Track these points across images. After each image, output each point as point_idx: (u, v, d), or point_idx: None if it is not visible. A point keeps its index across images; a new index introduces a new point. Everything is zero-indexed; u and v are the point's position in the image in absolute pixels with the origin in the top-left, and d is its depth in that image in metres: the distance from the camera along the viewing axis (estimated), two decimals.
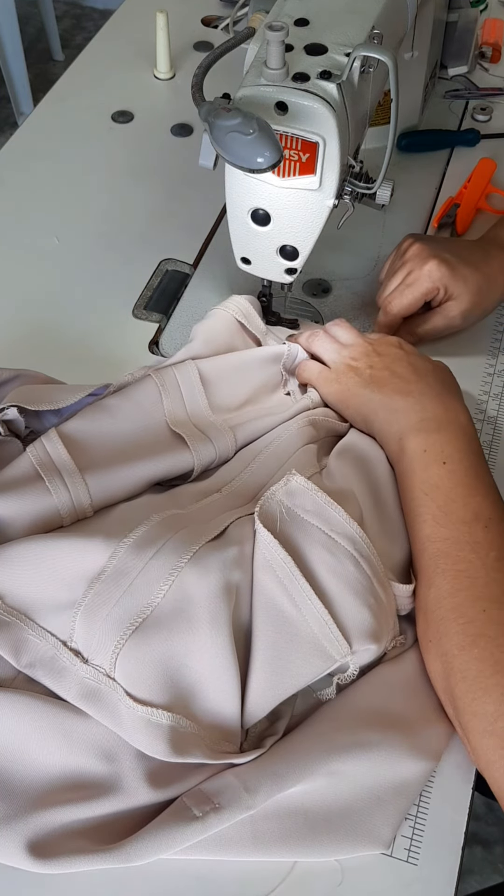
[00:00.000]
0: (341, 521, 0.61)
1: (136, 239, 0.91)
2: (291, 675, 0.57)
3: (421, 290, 0.77)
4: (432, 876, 0.55)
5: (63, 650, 0.57)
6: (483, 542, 0.60)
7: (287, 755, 0.56)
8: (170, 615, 0.57)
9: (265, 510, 0.61)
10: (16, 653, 0.57)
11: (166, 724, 0.54)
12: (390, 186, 0.71)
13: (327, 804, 0.55)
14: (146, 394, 0.70)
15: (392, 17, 0.72)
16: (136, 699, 0.55)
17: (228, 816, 0.53)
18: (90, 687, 0.56)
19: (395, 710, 0.58)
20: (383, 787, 0.56)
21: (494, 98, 1.07)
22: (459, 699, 0.57)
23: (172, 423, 0.69)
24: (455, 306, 0.78)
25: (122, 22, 1.18)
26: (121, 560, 0.58)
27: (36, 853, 0.51)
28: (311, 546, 0.60)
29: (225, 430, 0.69)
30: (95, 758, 0.55)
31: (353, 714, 0.58)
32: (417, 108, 1.01)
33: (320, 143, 0.64)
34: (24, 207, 0.94)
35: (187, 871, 0.54)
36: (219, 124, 0.58)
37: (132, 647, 0.56)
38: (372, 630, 0.58)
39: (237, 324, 0.76)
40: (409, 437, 0.66)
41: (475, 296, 0.78)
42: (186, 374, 0.71)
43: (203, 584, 0.57)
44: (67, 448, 0.65)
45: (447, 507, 0.62)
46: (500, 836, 1.36)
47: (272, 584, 0.58)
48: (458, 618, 0.58)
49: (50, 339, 0.82)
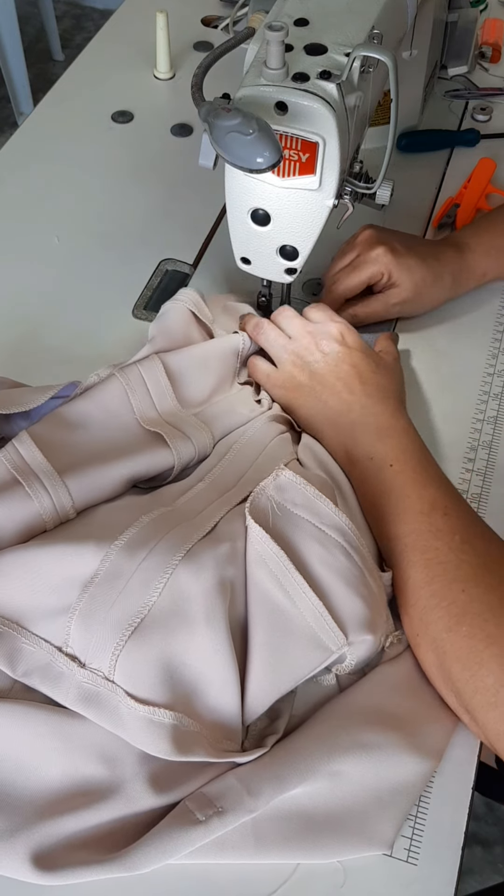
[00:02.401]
0: (330, 513, 0.62)
1: (136, 239, 0.91)
2: (289, 669, 0.57)
3: (366, 273, 0.78)
4: (432, 876, 0.55)
5: (59, 656, 0.57)
6: (445, 529, 0.62)
7: (288, 757, 0.56)
8: (166, 614, 0.57)
9: (256, 505, 0.62)
10: (11, 662, 0.57)
11: (168, 723, 0.54)
12: (390, 186, 0.71)
13: (328, 805, 0.55)
14: (112, 395, 0.70)
15: (392, 16, 0.72)
16: (137, 699, 0.55)
17: (231, 819, 0.53)
18: (89, 691, 0.56)
19: (396, 710, 0.58)
20: (384, 788, 0.56)
21: (494, 98, 1.07)
22: (458, 680, 0.57)
23: (145, 422, 0.69)
24: (396, 294, 0.79)
25: (122, 22, 1.18)
26: (113, 563, 0.58)
27: (40, 865, 0.51)
28: (302, 539, 0.61)
29: (201, 426, 0.70)
30: (96, 763, 0.55)
31: (353, 715, 0.58)
32: (417, 108, 1.01)
33: (320, 143, 0.64)
34: (24, 207, 0.94)
35: (188, 873, 0.54)
36: (219, 124, 0.58)
37: (131, 649, 0.56)
38: (366, 620, 0.58)
39: (190, 314, 0.77)
40: (354, 449, 0.68)
41: (417, 287, 0.79)
42: (152, 370, 0.71)
43: (197, 581, 0.57)
44: (42, 451, 0.65)
45: (403, 505, 0.64)
46: (500, 836, 1.36)
47: (266, 579, 0.59)
48: (440, 602, 0.59)
49: (49, 339, 0.82)
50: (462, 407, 0.79)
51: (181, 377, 0.72)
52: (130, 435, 0.69)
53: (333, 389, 0.71)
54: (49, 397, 0.69)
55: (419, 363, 0.81)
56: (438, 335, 0.84)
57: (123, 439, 0.68)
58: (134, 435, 0.69)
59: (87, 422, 0.69)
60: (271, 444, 0.70)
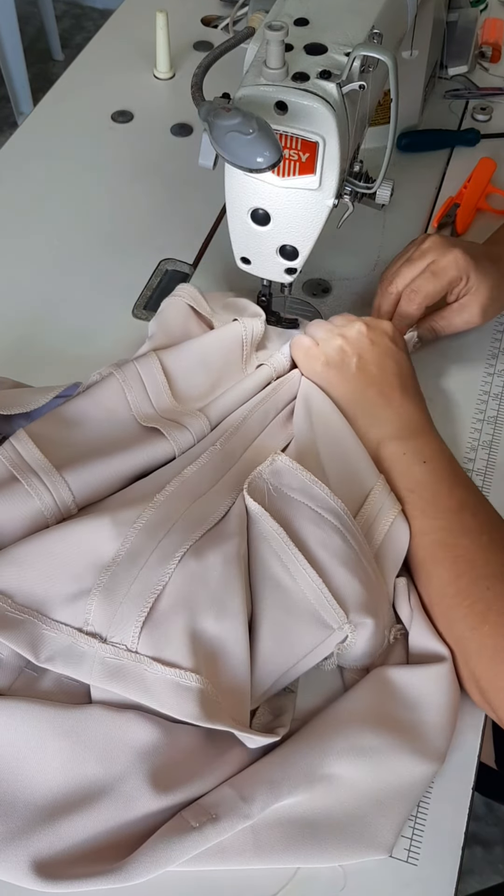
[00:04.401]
0: (326, 497, 0.63)
1: (136, 239, 0.91)
2: (291, 644, 0.58)
3: (447, 278, 0.75)
4: (432, 876, 0.55)
5: (79, 636, 0.58)
6: (474, 527, 0.62)
7: (282, 762, 0.56)
8: (187, 583, 0.58)
9: (253, 487, 0.64)
10: (34, 649, 0.58)
11: (196, 687, 0.55)
12: (390, 186, 0.71)
13: (328, 810, 0.55)
14: (109, 392, 0.70)
15: (392, 16, 0.72)
16: (164, 662, 0.56)
17: (226, 826, 0.53)
18: (113, 665, 0.57)
19: (395, 712, 0.58)
20: (384, 791, 0.56)
21: (494, 98, 1.07)
22: (482, 678, 0.58)
23: (142, 419, 0.69)
24: (474, 301, 0.77)
25: (122, 22, 1.18)
26: (133, 544, 0.60)
27: (41, 873, 0.51)
28: (300, 520, 0.62)
29: (195, 413, 0.70)
30: (96, 759, 0.55)
31: (349, 719, 0.58)
32: (417, 107, 1.01)
33: (320, 143, 0.64)
34: (24, 207, 0.94)
35: (188, 876, 0.54)
36: (218, 124, 0.58)
37: (155, 617, 0.57)
38: (365, 601, 0.59)
39: (189, 308, 0.77)
40: (388, 443, 0.68)
41: (493, 290, 0.77)
42: (148, 367, 0.72)
43: (217, 553, 0.59)
44: (40, 448, 0.65)
45: (434, 500, 0.65)
46: (500, 836, 1.36)
47: (268, 556, 0.60)
48: (464, 600, 0.60)
49: (49, 339, 0.82)
50: (462, 407, 0.79)
51: (179, 374, 0.72)
52: (128, 431, 0.69)
53: (375, 380, 0.70)
54: (51, 398, 0.69)
55: (419, 363, 0.81)
56: None
57: (122, 435, 0.69)
58: (132, 431, 0.69)
59: (84, 419, 0.69)
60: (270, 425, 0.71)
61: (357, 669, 0.62)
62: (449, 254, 0.75)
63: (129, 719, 0.56)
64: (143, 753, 0.55)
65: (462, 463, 0.74)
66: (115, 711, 0.56)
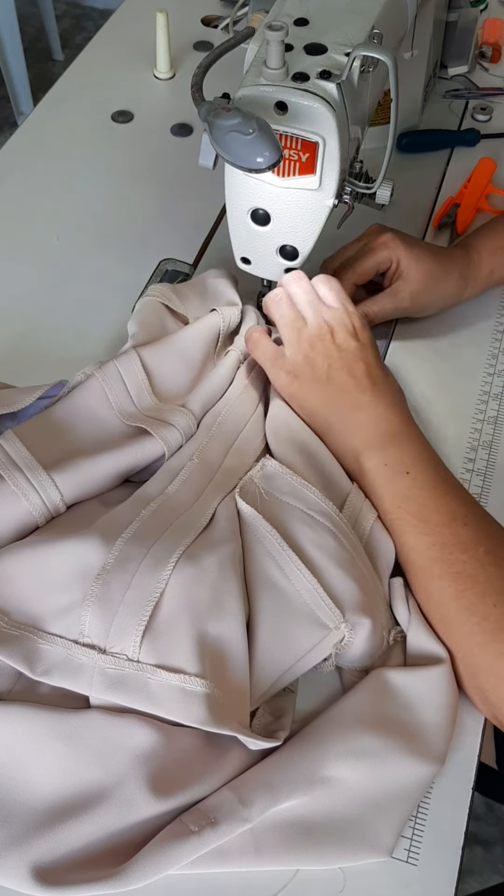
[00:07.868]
0: (317, 500, 0.63)
1: (136, 239, 0.91)
2: (289, 644, 0.58)
3: (376, 258, 0.77)
4: (432, 876, 0.55)
5: (76, 648, 0.57)
6: (468, 540, 0.61)
7: (281, 765, 0.56)
8: (185, 587, 0.58)
9: (245, 491, 0.64)
10: (29, 663, 0.57)
11: (202, 692, 0.54)
12: (390, 186, 0.71)
13: (328, 813, 0.55)
14: (90, 393, 0.70)
15: (392, 16, 0.72)
16: (169, 669, 0.55)
17: (226, 830, 0.53)
18: (113, 675, 0.56)
19: (394, 714, 0.58)
20: (384, 794, 0.55)
21: (494, 98, 1.07)
22: (490, 694, 0.57)
23: (125, 418, 0.69)
24: (405, 286, 0.77)
25: (122, 22, 1.18)
26: (122, 552, 0.59)
27: (40, 878, 0.51)
28: (293, 522, 0.62)
29: (180, 409, 0.70)
30: (96, 764, 0.55)
31: (348, 721, 0.58)
32: (417, 107, 1.01)
33: (320, 143, 0.64)
34: (24, 207, 0.94)
35: (187, 878, 0.54)
36: (218, 124, 0.58)
37: (156, 624, 0.56)
38: (361, 601, 0.59)
39: (163, 307, 0.77)
40: (367, 454, 0.66)
41: (426, 278, 0.77)
42: (128, 364, 0.71)
43: (211, 556, 0.59)
44: (28, 448, 0.65)
45: (423, 515, 0.62)
46: (500, 836, 1.36)
47: (263, 557, 0.60)
48: (471, 617, 0.58)
49: (49, 339, 0.82)
50: (462, 407, 0.78)
51: (160, 369, 0.72)
52: (115, 431, 0.69)
53: (346, 387, 0.68)
54: (37, 397, 0.69)
55: (419, 363, 0.81)
56: (438, 335, 0.83)
57: (109, 435, 0.69)
58: (117, 430, 0.69)
59: (72, 420, 0.69)
60: (246, 427, 0.71)
61: (356, 671, 0.61)
62: (382, 236, 0.78)
63: (129, 723, 0.56)
64: (143, 757, 0.55)
65: (462, 463, 0.74)
66: (114, 716, 0.56)
